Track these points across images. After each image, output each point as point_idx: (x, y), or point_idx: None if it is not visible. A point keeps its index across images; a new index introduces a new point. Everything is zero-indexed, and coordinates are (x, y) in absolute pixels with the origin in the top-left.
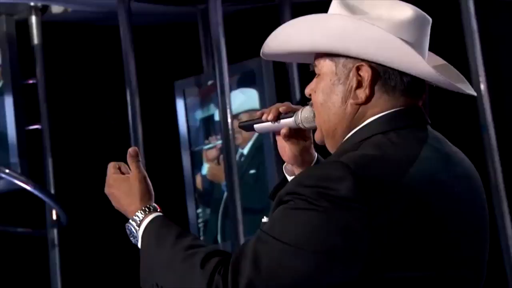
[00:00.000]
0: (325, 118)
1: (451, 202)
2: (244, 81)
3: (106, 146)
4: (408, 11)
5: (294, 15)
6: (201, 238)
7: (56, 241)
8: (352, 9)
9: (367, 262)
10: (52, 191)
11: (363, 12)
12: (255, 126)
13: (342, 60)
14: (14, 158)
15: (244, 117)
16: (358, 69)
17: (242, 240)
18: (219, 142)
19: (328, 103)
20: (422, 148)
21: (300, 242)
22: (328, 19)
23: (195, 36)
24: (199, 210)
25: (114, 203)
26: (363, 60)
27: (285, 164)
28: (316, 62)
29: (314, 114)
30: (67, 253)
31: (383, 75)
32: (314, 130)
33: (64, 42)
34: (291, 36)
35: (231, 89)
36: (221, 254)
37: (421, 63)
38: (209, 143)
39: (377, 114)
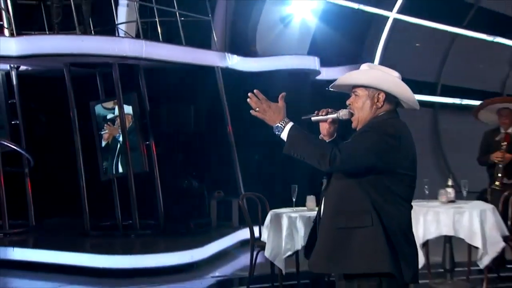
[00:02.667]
0: (361, 114)
1: (414, 147)
2: (126, 101)
3: (51, 131)
4: (396, 72)
5: (145, 74)
6: (109, 175)
7: (27, 173)
8: (372, 68)
9: (392, 162)
10: (27, 156)
11: (375, 68)
12: (312, 118)
13: (371, 89)
14: (7, 137)
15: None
16: (378, 94)
17: (132, 168)
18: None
19: (363, 107)
20: (404, 125)
21: (367, 145)
22: (370, 71)
23: (95, 82)
24: (105, 163)
25: (266, 116)
26: (381, 90)
27: (321, 135)
28: (356, 89)
29: (348, 113)
30: (33, 180)
31: (388, 97)
32: (343, 120)
33: (28, 83)
34: (352, 78)
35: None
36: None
37: (413, 96)
38: (104, 130)
39: (383, 111)
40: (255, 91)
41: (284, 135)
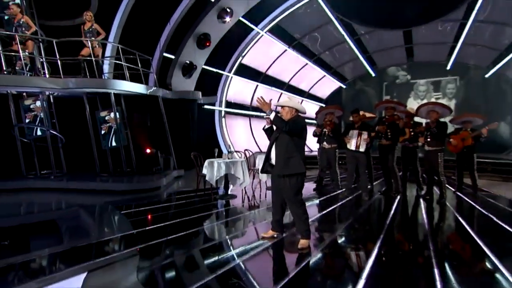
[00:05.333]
0: (286, 117)
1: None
2: (117, 111)
3: (74, 126)
4: (299, 97)
5: (124, 98)
6: (107, 147)
7: (61, 146)
8: (290, 98)
9: (303, 133)
10: (61, 136)
11: (292, 98)
12: (265, 116)
13: (290, 107)
14: (50, 128)
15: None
16: (293, 110)
17: (121, 142)
18: (107, 124)
19: (287, 114)
20: (303, 118)
21: (298, 125)
22: (290, 101)
23: (96, 101)
24: (103, 142)
25: (264, 107)
26: (293, 107)
27: (266, 127)
28: (284, 107)
29: (281, 116)
30: (64, 150)
31: (297, 111)
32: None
33: (63, 103)
34: (282, 103)
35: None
36: None
37: (305, 110)
38: (104, 124)
39: (295, 115)
40: (260, 96)
41: (271, 116)
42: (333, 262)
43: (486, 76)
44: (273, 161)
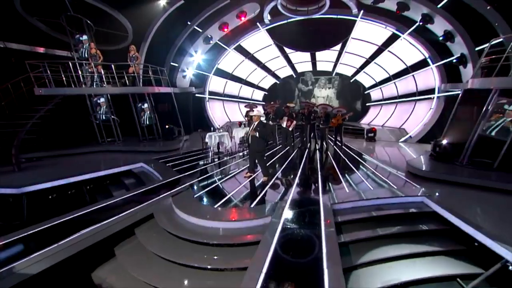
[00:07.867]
0: (256, 120)
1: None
2: (147, 102)
3: (123, 112)
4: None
5: (152, 96)
6: (144, 124)
7: (117, 125)
8: (259, 111)
9: (264, 129)
10: (117, 119)
11: (260, 111)
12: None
13: (258, 116)
14: (110, 115)
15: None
16: (259, 117)
17: (152, 122)
18: (143, 111)
19: (257, 119)
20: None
21: (262, 126)
22: (260, 112)
23: (135, 98)
24: (142, 121)
25: (254, 114)
26: (259, 115)
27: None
28: (255, 115)
29: (253, 120)
30: (120, 126)
31: (261, 117)
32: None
33: (113, 98)
34: (254, 113)
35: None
36: None
37: (264, 116)
38: (142, 111)
39: (259, 120)
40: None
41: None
42: (279, 185)
43: (351, 81)
44: (250, 142)
